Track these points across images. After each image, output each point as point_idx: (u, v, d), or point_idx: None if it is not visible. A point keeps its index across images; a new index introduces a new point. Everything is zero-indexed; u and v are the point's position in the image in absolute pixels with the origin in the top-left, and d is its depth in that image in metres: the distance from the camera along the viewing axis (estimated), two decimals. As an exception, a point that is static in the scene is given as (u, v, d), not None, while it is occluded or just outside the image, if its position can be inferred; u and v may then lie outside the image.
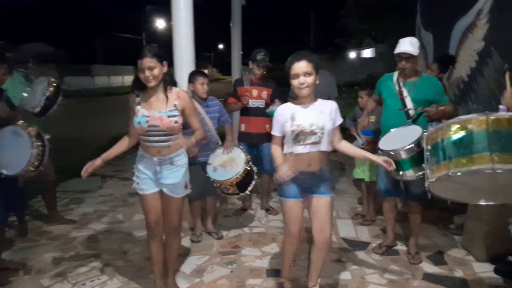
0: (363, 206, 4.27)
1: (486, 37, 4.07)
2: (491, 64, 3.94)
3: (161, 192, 2.62)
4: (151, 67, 2.38)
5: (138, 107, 2.49)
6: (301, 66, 2.31)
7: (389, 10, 12.16)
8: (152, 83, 2.42)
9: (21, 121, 3.08)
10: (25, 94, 3.38)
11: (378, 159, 2.50)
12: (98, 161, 2.56)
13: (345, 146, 2.55)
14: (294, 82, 2.35)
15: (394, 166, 2.47)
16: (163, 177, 2.56)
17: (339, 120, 2.48)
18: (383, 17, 13.88)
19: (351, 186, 5.22)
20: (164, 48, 2.52)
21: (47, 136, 3.11)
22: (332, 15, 18.37)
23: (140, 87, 2.50)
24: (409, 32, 6.10)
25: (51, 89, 3.42)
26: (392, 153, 2.62)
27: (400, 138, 2.70)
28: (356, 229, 3.90)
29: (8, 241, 3.54)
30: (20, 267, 3.18)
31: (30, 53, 3.66)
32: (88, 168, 2.52)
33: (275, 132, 2.50)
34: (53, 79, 3.48)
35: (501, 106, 1.98)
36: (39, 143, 3.01)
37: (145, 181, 2.59)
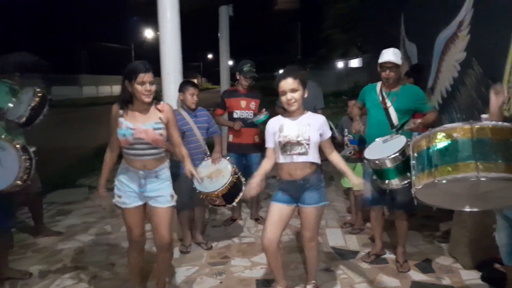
0: (351, 215, 4.31)
1: (467, 48, 4.18)
2: (473, 74, 4.03)
3: (145, 205, 2.61)
4: (152, 82, 2.43)
5: (121, 119, 2.46)
6: (287, 83, 2.42)
7: (366, 21, 12.39)
8: (150, 99, 2.43)
9: (3, 135, 3.03)
10: (10, 105, 3.33)
11: (353, 178, 2.59)
12: (102, 190, 2.67)
13: (334, 158, 2.64)
14: (283, 99, 2.47)
15: (367, 189, 2.85)
16: (147, 190, 2.54)
17: (328, 133, 2.58)
18: (360, 28, 14.21)
19: (340, 195, 5.25)
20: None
21: (32, 149, 3.06)
22: (318, 26, 18.72)
23: (127, 101, 2.47)
24: (392, 42, 6.23)
25: (37, 99, 3.38)
26: (377, 162, 2.66)
27: (385, 147, 2.74)
28: (345, 238, 3.92)
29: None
30: (26, 277, 3.18)
31: (12, 63, 3.58)
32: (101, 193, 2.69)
33: (268, 144, 2.62)
34: (38, 89, 3.43)
35: (483, 115, 2.03)
36: (26, 156, 2.95)
37: (129, 194, 2.55)
